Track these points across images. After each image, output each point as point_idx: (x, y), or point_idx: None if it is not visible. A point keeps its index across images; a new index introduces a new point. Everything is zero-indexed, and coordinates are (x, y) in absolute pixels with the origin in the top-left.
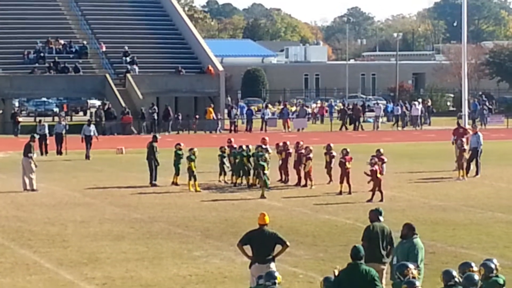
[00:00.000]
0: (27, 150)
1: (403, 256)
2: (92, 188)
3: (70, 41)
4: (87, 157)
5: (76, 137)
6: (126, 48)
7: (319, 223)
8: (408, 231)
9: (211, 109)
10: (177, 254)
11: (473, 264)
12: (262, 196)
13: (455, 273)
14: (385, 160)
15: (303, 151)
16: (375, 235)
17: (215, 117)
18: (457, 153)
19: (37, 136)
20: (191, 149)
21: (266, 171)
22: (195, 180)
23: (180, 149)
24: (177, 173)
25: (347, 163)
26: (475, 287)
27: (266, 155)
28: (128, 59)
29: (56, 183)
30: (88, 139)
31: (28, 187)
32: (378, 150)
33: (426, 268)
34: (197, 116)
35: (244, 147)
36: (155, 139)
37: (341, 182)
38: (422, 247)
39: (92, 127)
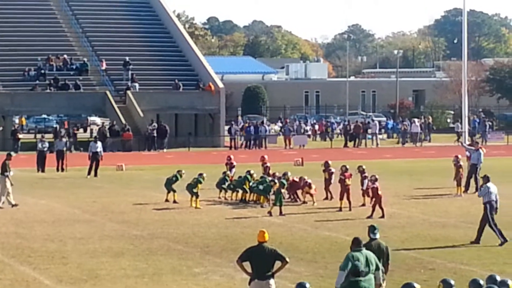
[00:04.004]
0: (3, 168)
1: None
2: (92, 205)
3: (70, 58)
4: (90, 173)
5: (76, 154)
6: (127, 59)
7: (319, 240)
8: (352, 245)
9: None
10: (177, 271)
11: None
12: (269, 213)
13: (482, 282)
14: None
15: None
16: (373, 253)
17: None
18: (455, 170)
19: (13, 155)
20: (201, 174)
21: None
22: (196, 197)
23: (181, 176)
24: (169, 191)
25: (346, 180)
26: None
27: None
28: (129, 72)
29: (56, 200)
30: (95, 156)
31: (7, 205)
32: (360, 166)
33: (425, 284)
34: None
35: (251, 171)
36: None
37: (341, 199)
38: (351, 257)
39: (99, 144)
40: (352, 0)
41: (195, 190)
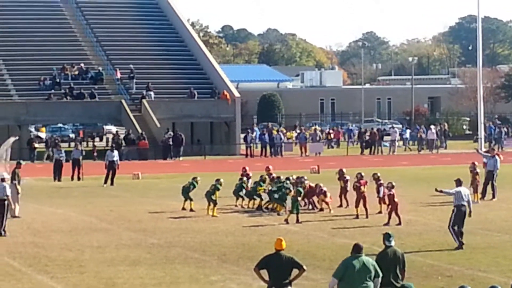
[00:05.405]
0: (12, 176)
1: None
2: (108, 214)
3: (87, 68)
4: (107, 182)
5: (92, 163)
6: (132, 67)
7: (336, 247)
8: (352, 251)
9: None
10: (194, 279)
11: None
12: (286, 221)
13: None
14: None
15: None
16: (389, 260)
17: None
18: (471, 177)
19: (23, 163)
20: (218, 180)
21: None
22: (214, 205)
23: (197, 183)
24: (186, 199)
25: (362, 187)
26: None
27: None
28: (134, 81)
29: (72, 209)
30: (111, 165)
31: (11, 213)
32: (375, 174)
33: None
34: None
35: (264, 177)
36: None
37: (357, 206)
38: (344, 263)
39: (115, 153)
40: (366, 7)
41: (213, 198)
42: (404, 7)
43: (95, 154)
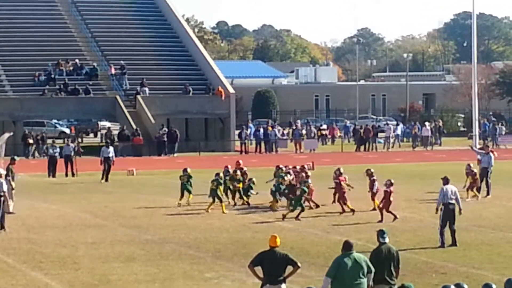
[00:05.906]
0: (6, 173)
1: None
2: (103, 210)
3: (81, 64)
4: (104, 178)
5: (85, 159)
6: (123, 63)
7: (330, 244)
8: (342, 249)
9: None
10: (188, 276)
11: None
12: (284, 217)
13: (494, 286)
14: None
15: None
16: (383, 257)
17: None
18: (470, 179)
19: (17, 159)
20: (217, 174)
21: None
22: (221, 202)
23: (190, 174)
24: (183, 195)
25: (342, 183)
26: None
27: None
28: (125, 77)
29: (67, 205)
30: (106, 161)
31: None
32: (368, 169)
33: None
34: None
35: (253, 179)
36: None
37: (345, 203)
38: (336, 262)
39: (111, 149)
40: (361, 3)
41: (219, 194)
42: (399, 4)
43: (80, 150)
